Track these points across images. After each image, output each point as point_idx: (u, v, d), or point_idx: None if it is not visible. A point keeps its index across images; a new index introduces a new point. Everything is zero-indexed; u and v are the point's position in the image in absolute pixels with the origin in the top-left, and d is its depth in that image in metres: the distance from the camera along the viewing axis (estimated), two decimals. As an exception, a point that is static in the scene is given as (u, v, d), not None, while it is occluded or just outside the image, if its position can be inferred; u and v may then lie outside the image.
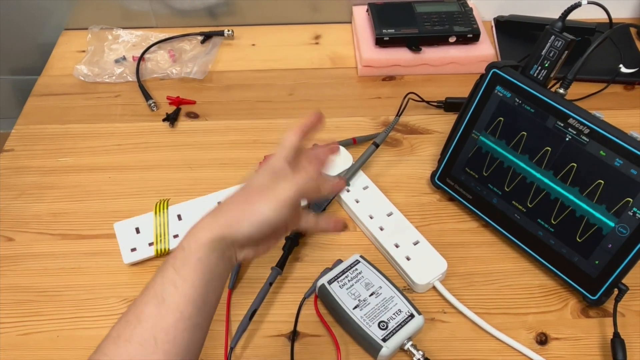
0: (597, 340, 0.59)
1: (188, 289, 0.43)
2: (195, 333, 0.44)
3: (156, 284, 0.44)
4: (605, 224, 0.58)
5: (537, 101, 0.61)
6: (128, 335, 0.42)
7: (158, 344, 0.41)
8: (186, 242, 0.45)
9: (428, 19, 0.88)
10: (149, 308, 0.43)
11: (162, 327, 0.42)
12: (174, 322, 0.42)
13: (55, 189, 0.73)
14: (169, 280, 0.43)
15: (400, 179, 0.74)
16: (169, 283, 0.43)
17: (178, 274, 0.44)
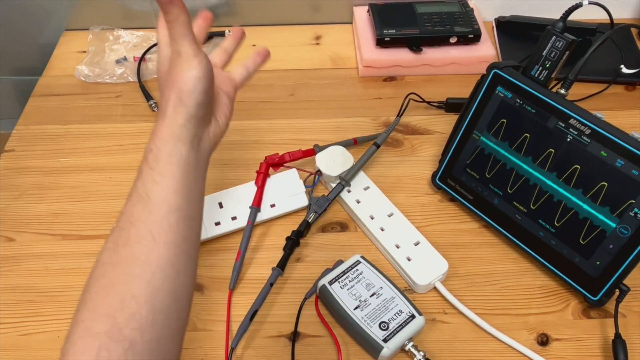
0: (598, 341, 0.59)
1: (169, 181, 0.44)
2: (187, 223, 0.45)
3: (137, 187, 0.45)
4: (606, 224, 0.58)
5: (538, 102, 0.61)
6: (124, 239, 0.42)
7: (155, 237, 0.42)
8: (152, 144, 0.46)
9: (429, 19, 0.88)
10: (137, 209, 0.43)
11: (154, 221, 0.43)
12: (165, 214, 0.43)
13: (56, 189, 0.73)
14: (148, 179, 0.45)
15: (401, 179, 0.74)
16: (149, 181, 0.45)
17: (154, 170, 0.45)
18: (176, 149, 0.46)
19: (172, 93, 0.47)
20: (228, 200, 0.69)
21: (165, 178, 0.45)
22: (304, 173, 0.72)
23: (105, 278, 0.41)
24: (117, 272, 0.41)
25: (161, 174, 0.45)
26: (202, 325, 0.61)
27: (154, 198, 0.44)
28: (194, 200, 0.46)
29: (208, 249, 0.67)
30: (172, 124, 0.47)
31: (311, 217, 0.67)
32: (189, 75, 0.47)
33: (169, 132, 0.46)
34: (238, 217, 0.68)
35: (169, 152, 0.46)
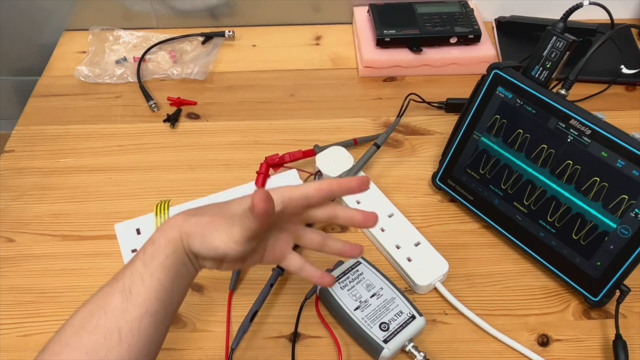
0: (599, 342, 0.59)
1: (155, 284, 0.44)
2: (158, 328, 0.44)
3: (124, 276, 0.44)
4: (607, 225, 0.58)
5: (539, 102, 0.61)
6: (92, 326, 0.42)
7: (122, 337, 0.42)
8: (157, 237, 0.46)
9: (429, 19, 0.88)
10: (115, 300, 0.43)
11: (127, 320, 0.42)
12: (139, 316, 0.43)
13: (56, 189, 0.73)
14: (138, 274, 0.44)
15: (401, 180, 0.74)
16: (137, 276, 0.44)
17: (146, 268, 0.44)
18: (175, 256, 0.45)
19: (208, 225, 0.46)
20: (228, 201, 0.68)
21: (153, 280, 0.44)
22: (304, 173, 0.72)
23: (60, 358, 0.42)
24: (73, 358, 0.41)
25: (152, 274, 0.44)
26: (202, 326, 0.61)
27: (135, 296, 0.43)
28: (172, 307, 0.46)
29: (208, 249, 0.67)
30: (178, 234, 0.46)
31: (311, 218, 0.67)
32: (222, 240, 0.46)
33: (176, 237, 0.46)
34: (238, 217, 0.67)
35: (167, 255, 0.45)
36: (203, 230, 0.46)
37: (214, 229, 0.46)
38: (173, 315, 0.47)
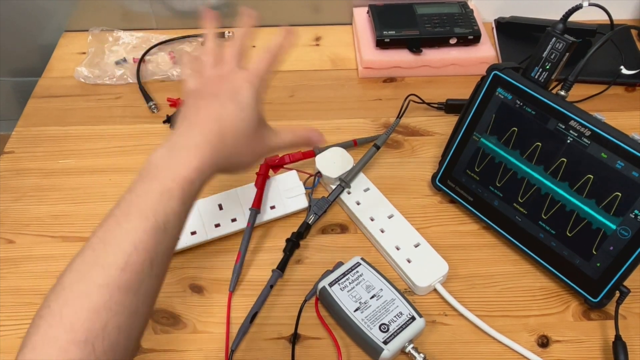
0: (599, 343, 0.59)
1: (185, 218, 0.45)
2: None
3: (157, 212, 0.42)
4: (606, 226, 0.58)
5: (538, 103, 0.61)
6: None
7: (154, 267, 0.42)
8: (152, 168, 0.45)
9: (429, 20, 0.88)
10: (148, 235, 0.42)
11: (157, 252, 0.42)
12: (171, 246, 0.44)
13: (56, 191, 0.73)
14: (172, 211, 0.43)
15: (401, 181, 0.74)
16: (172, 213, 0.43)
17: (184, 206, 0.44)
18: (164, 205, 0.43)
19: (219, 132, 0.47)
20: (228, 202, 0.68)
21: (185, 215, 0.44)
22: (303, 175, 0.72)
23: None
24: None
25: (186, 212, 0.44)
26: (202, 327, 0.61)
27: (170, 230, 0.43)
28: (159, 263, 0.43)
29: (208, 251, 0.67)
30: (206, 158, 0.45)
31: (311, 219, 0.67)
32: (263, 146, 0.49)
33: (195, 166, 0.45)
34: (238, 218, 0.67)
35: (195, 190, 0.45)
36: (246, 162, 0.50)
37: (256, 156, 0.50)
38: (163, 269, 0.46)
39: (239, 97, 0.49)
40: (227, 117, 0.48)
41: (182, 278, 0.64)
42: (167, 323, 0.61)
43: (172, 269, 0.65)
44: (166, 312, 0.62)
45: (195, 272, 0.65)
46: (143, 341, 0.59)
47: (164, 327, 0.60)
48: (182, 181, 0.44)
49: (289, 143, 0.53)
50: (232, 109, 0.48)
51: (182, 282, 0.64)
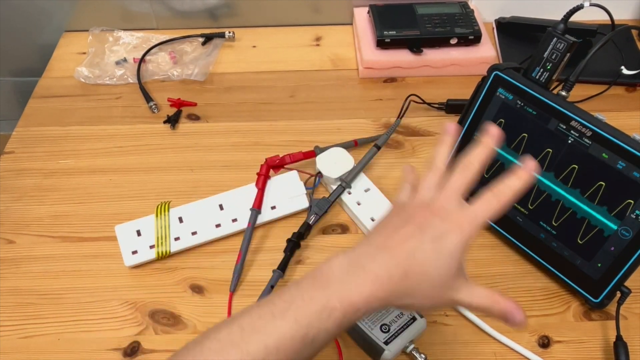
0: (600, 343, 0.59)
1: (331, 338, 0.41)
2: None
3: (310, 326, 0.40)
4: (607, 226, 0.58)
5: (539, 103, 0.61)
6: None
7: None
8: (354, 300, 0.41)
9: (429, 20, 0.87)
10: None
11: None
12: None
13: (56, 191, 0.73)
14: (324, 330, 0.40)
15: (401, 181, 0.74)
16: (324, 331, 0.40)
17: (339, 329, 0.41)
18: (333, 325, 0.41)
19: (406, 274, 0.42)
20: (228, 202, 0.68)
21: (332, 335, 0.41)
22: (304, 175, 0.72)
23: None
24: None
25: (335, 333, 0.41)
26: (202, 328, 0.61)
27: (316, 345, 0.41)
28: None
29: (208, 251, 0.67)
30: (381, 294, 0.41)
31: (312, 219, 0.67)
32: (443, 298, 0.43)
33: (368, 296, 0.41)
34: (238, 219, 0.67)
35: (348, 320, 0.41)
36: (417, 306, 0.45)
37: (428, 305, 0.44)
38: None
39: (444, 242, 0.42)
40: (420, 258, 0.42)
41: (183, 278, 0.64)
42: (167, 323, 0.61)
43: (173, 269, 0.65)
44: (166, 313, 0.62)
45: (195, 272, 0.65)
46: (143, 342, 0.59)
47: (165, 327, 0.60)
48: (347, 305, 0.41)
49: (480, 307, 0.44)
50: (430, 251, 0.42)
51: (183, 283, 0.64)
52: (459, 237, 0.42)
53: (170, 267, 0.65)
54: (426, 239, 0.42)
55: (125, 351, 0.59)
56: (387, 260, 0.42)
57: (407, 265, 0.42)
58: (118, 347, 0.59)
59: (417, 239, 0.42)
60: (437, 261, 0.42)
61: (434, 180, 0.47)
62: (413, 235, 0.43)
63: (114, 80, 0.87)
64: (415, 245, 0.42)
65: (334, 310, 0.40)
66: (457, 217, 0.43)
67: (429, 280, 0.42)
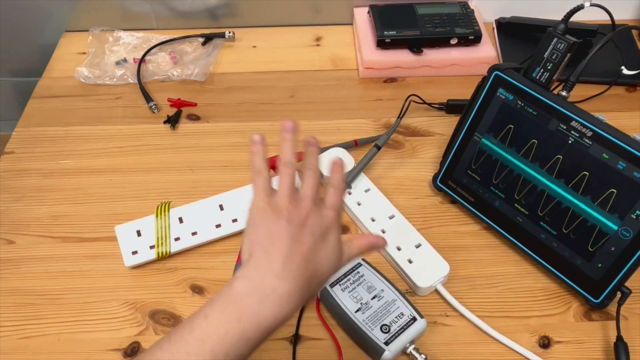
0: (600, 344, 0.59)
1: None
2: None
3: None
4: (608, 226, 0.58)
5: (540, 104, 0.61)
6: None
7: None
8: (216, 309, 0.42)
9: (429, 20, 0.87)
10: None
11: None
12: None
13: (56, 191, 0.73)
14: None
15: (402, 181, 0.74)
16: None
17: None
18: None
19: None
20: (229, 203, 0.68)
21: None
22: (304, 175, 0.72)
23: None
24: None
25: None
26: (202, 328, 0.60)
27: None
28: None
29: (209, 251, 0.67)
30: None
31: (312, 220, 0.67)
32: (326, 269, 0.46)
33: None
34: (239, 219, 0.67)
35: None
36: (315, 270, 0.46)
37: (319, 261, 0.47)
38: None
39: (329, 238, 0.47)
40: (319, 260, 0.46)
41: (183, 279, 0.64)
42: (167, 324, 0.61)
43: (173, 269, 0.65)
44: (167, 313, 0.61)
45: (196, 272, 0.65)
46: (143, 342, 0.59)
47: (165, 327, 0.60)
48: (263, 329, 0.42)
49: (356, 256, 0.51)
50: (323, 251, 0.46)
51: (183, 283, 0.64)
52: (336, 229, 0.48)
53: (171, 268, 0.65)
54: (317, 239, 0.46)
55: (126, 352, 0.59)
56: (294, 275, 0.44)
57: (312, 272, 0.45)
58: (118, 348, 0.59)
59: (310, 241, 0.45)
60: (329, 256, 0.47)
61: (288, 181, 0.49)
62: (305, 241, 0.45)
63: (114, 81, 0.87)
64: (311, 247, 0.45)
65: (251, 338, 0.42)
66: (326, 211, 0.48)
67: (326, 274, 0.47)
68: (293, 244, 0.45)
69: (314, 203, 0.47)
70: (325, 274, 0.47)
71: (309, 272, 0.45)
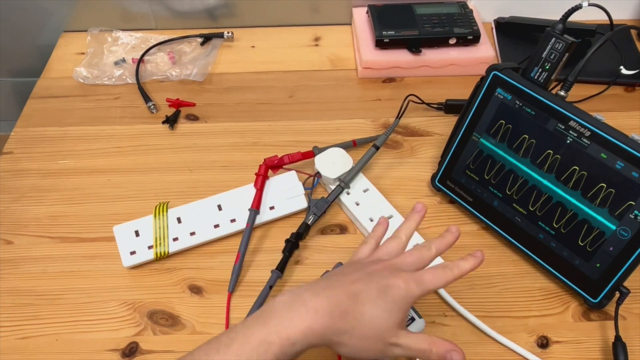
0: (599, 344, 0.59)
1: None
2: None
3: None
4: (606, 227, 0.58)
5: (538, 103, 0.61)
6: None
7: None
8: (296, 337, 0.43)
9: (428, 20, 0.87)
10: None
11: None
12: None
13: (55, 191, 0.73)
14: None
15: (400, 181, 0.74)
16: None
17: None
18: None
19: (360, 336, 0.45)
20: (227, 203, 0.68)
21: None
22: (303, 175, 0.72)
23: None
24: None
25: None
26: (201, 329, 0.60)
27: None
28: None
29: (207, 251, 0.67)
30: (317, 329, 0.43)
31: (310, 220, 0.67)
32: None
33: (304, 331, 0.43)
34: (237, 219, 0.67)
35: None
36: (354, 348, 0.45)
37: (365, 350, 0.46)
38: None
39: (389, 291, 0.46)
40: (363, 299, 0.45)
41: (181, 279, 0.64)
42: (166, 324, 0.61)
43: (171, 269, 0.65)
44: (165, 313, 0.61)
45: (194, 272, 0.65)
46: (142, 342, 0.59)
47: (163, 328, 0.60)
48: (284, 339, 0.43)
49: (420, 349, 0.46)
50: (375, 296, 0.45)
51: (181, 283, 0.64)
52: (404, 291, 0.46)
53: (169, 268, 0.65)
54: (373, 285, 0.45)
55: (124, 352, 0.59)
56: (329, 297, 0.44)
57: (349, 305, 0.44)
58: (116, 348, 0.59)
59: (363, 283, 0.46)
60: (379, 306, 0.45)
61: (394, 249, 0.51)
62: (360, 280, 0.46)
63: (113, 81, 0.87)
64: (361, 288, 0.45)
65: (272, 344, 0.42)
66: (406, 275, 0.47)
67: (368, 322, 0.45)
68: (343, 279, 0.46)
69: (404, 264, 0.49)
70: (368, 319, 0.45)
71: (346, 303, 0.44)
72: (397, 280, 0.46)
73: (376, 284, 0.46)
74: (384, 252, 0.51)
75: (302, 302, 0.44)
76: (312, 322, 0.43)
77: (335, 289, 0.45)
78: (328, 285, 0.45)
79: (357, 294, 0.45)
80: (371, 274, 0.47)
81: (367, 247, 0.53)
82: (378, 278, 0.46)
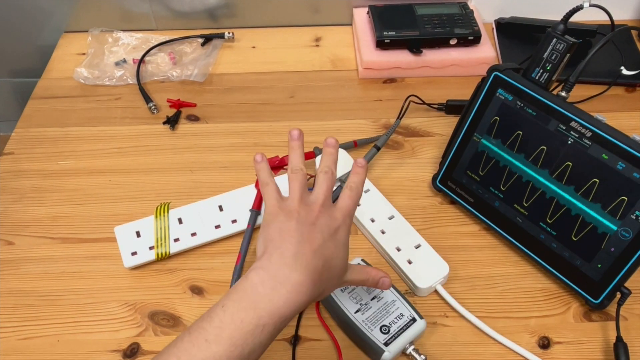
0: (600, 344, 0.59)
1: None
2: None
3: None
4: (607, 227, 0.58)
5: (539, 104, 0.61)
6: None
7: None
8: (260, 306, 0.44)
9: (429, 21, 0.87)
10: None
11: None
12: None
13: (55, 192, 0.73)
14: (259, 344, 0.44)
15: (401, 182, 0.74)
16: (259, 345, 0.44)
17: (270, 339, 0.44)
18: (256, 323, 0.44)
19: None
20: (228, 203, 0.68)
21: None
22: (304, 176, 0.72)
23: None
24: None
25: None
26: (202, 329, 0.60)
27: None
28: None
29: (208, 252, 0.67)
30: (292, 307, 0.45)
31: (311, 220, 0.67)
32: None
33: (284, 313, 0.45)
34: (238, 220, 0.67)
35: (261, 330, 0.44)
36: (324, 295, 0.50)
37: (329, 292, 0.51)
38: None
39: (338, 236, 0.49)
40: (329, 256, 0.48)
41: (183, 279, 0.64)
42: (167, 325, 0.61)
43: (173, 270, 0.65)
44: (166, 314, 0.61)
45: (195, 273, 0.65)
46: (142, 343, 0.59)
47: (164, 328, 0.60)
48: (278, 319, 0.44)
49: (359, 282, 0.53)
50: (333, 247, 0.48)
51: (183, 284, 0.64)
52: (345, 229, 0.50)
53: (170, 269, 0.65)
54: (327, 237, 0.48)
55: (125, 352, 0.59)
56: (306, 267, 0.46)
57: (323, 267, 0.47)
58: (117, 349, 0.59)
59: (321, 238, 0.48)
60: (338, 255, 0.49)
61: (298, 187, 0.51)
62: (316, 237, 0.48)
63: (114, 81, 0.87)
64: (321, 244, 0.47)
65: (267, 325, 0.44)
66: (337, 211, 0.50)
67: (336, 271, 0.49)
68: (303, 240, 0.47)
69: (324, 206, 0.50)
70: (335, 269, 0.49)
71: (320, 266, 0.47)
72: (336, 221, 0.49)
73: (328, 235, 0.48)
74: (294, 196, 0.51)
75: (284, 280, 0.45)
76: (300, 297, 0.45)
77: (304, 255, 0.46)
78: (297, 253, 0.46)
79: (323, 252, 0.47)
80: (317, 224, 0.48)
81: (274, 195, 0.52)
82: (325, 227, 0.48)
